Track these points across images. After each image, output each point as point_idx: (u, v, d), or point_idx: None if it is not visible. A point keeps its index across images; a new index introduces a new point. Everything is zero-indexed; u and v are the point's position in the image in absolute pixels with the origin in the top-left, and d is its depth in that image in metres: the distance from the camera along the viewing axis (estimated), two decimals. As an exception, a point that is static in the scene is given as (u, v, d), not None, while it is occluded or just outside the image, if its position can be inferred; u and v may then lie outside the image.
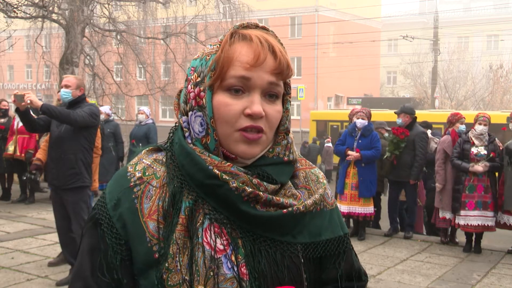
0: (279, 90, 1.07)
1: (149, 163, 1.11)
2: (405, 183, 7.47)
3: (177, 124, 1.13)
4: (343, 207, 7.21)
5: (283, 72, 1.06)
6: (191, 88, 1.07)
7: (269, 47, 1.04)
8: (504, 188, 6.53)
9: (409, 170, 7.36)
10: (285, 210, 1.05)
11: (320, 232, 1.13)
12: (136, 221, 1.05)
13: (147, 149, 1.16)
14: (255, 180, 1.04)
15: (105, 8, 14.18)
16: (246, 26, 1.08)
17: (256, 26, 1.09)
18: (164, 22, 16.29)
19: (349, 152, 7.11)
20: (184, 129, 1.09)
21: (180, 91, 1.14)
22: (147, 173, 1.09)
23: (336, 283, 1.16)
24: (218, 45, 1.06)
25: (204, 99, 1.05)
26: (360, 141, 7.13)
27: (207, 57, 1.06)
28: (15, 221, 7.80)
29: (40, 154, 5.64)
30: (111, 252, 1.05)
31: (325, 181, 1.20)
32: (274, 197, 1.05)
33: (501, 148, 6.67)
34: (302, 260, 1.10)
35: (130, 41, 14.67)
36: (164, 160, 1.11)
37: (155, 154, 1.14)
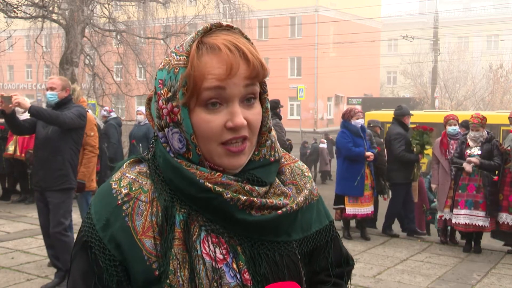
0: (256, 91, 1.03)
1: (133, 177, 1.06)
2: (409, 184, 7.52)
3: (156, 135, 1.09)
4: (363, 210, 7.10)
5: (258, 75, 1.01)
6: (163, 104, 1.02)
7: (240, 54, 0.99)
8: None
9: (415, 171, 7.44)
10: (280, 211, 1.05)
11: (310, 226, 1.15)
12: (131, 240, 1.01)
13: (128, 161, 1.11)
14: (247, 187, 1.03)
15: (105, 8, 14.19)
16: (210, 29, 1.02)
17: (220, 26, 1.03)
18: (164, 22, 16.30)
19: (368, 153, 7.05)
20: (163, 144, 1.06)
21: (149, 99, 1.10)
22: (133, 188, 1.04)
23: (327, 271, 1.18)
24: (186, 57, 1.00)
25: (178, 115, 1.01)
26: (368, 141, 7.33)
27: (175, 70, 1.00)
28: (15, 221, 7.80)
29: None
30: (106, 275, 1.01)
31: (310, 175, 1.21)
32: (267, 200, 1.04)
33: (503, 147, 6.64)
34: (299, 256, 1.11)
35: (130, 41, 14.67)
36: (148, 172, 1.07)
37: (138, 166, 1.09)
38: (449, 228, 7.22)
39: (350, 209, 7.08)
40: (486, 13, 46.64)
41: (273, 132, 1.13)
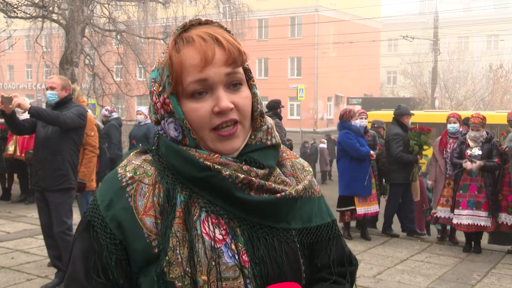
0: (240, 77, 1.07)
1: (139, 163, 1.12)
2: (408, 184, 7.54)
3: (158, 131, 1.17)
4: (372, 208, 7.15)
5: (236, 60, 1.05)
6: (156, 99, 1.10)
7: (213, 41, 1.04)
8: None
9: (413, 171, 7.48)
10: (278, 195, 1.08)
11: (310, 218, 1.17)
12: (132, 219, 1.05)
13: (135, 151, 1.17)
14: (245, 167, 1.07)
15: (105, 8, 14.20)
16: (189, 26, 1.08)
17: (199, 23, 1.09)
18: (164, 22, 16.30)
19: (372, 152, 7.09)
20: (164, 135, 1.12)
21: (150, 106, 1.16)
22: (138, 172, 1.10)
23: (329, 269, 1.19)
24: None
25: (170, 105, 1.07)
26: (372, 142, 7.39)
27: (162, 66, 1.08)
28: (15, 221, 7.80)
29: None
30: (106, 253, 1.05)
31: (310, 169, 1.23)
32: (266, 183, 1.08)
33: (502, 147, 6.64)
34: (298, 245, 1.13)
35: (130, 41, 14.69)
36: (153, 160, 1.13)
37: (144, 155, 1.15)
38: (448, 227, 7.23)
39: (360, 209, 7.11)
40: (486, 13, 46.65)
41: (271, 121, 1.16)
